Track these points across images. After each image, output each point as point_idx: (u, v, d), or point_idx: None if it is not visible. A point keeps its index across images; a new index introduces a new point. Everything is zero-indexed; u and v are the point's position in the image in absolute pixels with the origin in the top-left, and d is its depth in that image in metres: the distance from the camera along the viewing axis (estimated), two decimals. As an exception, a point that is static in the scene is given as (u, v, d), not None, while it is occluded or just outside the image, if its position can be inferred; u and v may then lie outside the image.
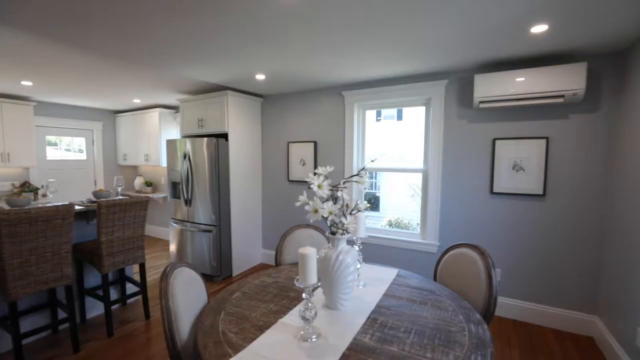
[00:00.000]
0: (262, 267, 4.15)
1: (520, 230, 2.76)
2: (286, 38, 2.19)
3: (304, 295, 1.26)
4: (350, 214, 1.49)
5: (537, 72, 2.42)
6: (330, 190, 1.37)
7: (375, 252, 3.41)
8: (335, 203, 1.43)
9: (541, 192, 2.64)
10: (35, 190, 4.45)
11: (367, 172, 1.49)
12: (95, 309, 2.93)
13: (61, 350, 2.41)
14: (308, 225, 2.29)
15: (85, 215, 2.84)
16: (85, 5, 1.75)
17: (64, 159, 5.12)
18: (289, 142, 3.91)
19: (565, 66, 2.32)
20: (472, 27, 1.99)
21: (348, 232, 1.42)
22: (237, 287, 1.74)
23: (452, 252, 1.93)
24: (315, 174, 1.44)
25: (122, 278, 3.07)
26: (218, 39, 2.22)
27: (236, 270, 3.88)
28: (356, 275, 1.61)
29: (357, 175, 1.48)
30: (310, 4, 1.71)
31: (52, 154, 5.00)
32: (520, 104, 2.54)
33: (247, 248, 4.06)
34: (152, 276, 3.81)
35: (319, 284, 1.25)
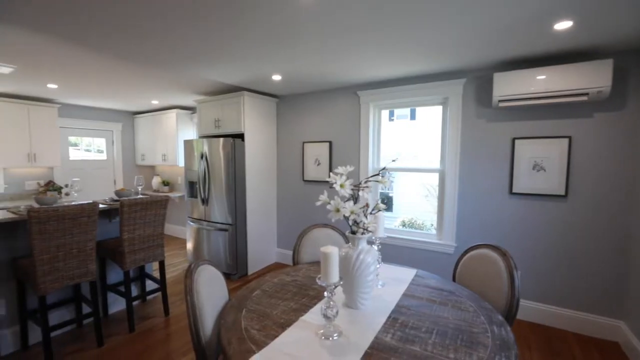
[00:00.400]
0: (276, 266, 4.19)
1: (540, 231, 2.70)
2: (304, 38, 2.21)
3: (325, 293, 1.27)
4: (371, 213, 1.49)
5: (560, 69, 2.36)
6: (353, 189, 1.38)
7: (391, 252, 3.39)
8: (355, 203, 1.44)
9: (563, 193, 2.58)
10: (59, 189, 4.60)
11: (389, 172, 1.49)
12: (116, 304, 3.02)
13: (85, 343, 2.49)
14: (325, 225, 2.30)
15: (107, 213, 2.93)
16: (109, 10, 1.81)
17: (86, 159, 5.29)
18: (304, 142, 3.93)
19: (590, 63, 2.26)
20: (494, 25, 1.97)
21: (369, 232, 1.43)
22: (256, 285, 1.76)
23: (472, 252, 1.91)
24: (336, 173, 1.45)
25: (142, 275, 3.15)
26: (236, 40, 2.25)
27: (252, 269, 3.93)
28: (375, 275, 1.61)
29: (377, 175, 1.48)
30: (330, 4, 1.72)
31: (73, 154, 5.17)
32: (541, 103, 2.49)
33: (263, 247, 4.10)
34: (170, 274, 3.89)
35: (341, 282, 1.25)
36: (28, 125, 4.23)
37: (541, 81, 2.43)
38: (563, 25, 1.94)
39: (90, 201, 2.47)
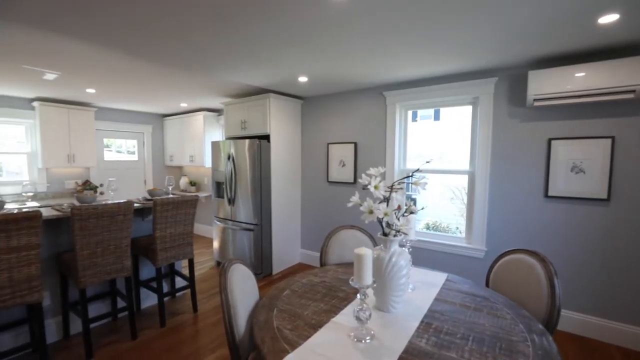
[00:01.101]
0: (300, 267, 4.21)
1: (579, 237, 2.56)
2: (332, 39, 2.21)
3: (358, 295, 1.26)
4: (403, 215, 1.47)
5: (602, 65, 2.23)
6: (387, 191, 1.36)
7: (417, 255, 3.32)
8: (387, 204, 1.42)
9: (605, 196, 2.44)
10: (94, 188, 4.84)
11: (421, 174, 1.46)
12: (148, 300, 3.13)
13: (120, 336, 2.60)
14: (353, 226, 2.29)
15: (140, 212, 3.05)
16: (144, 17, 1.88)
17: (119, 159, 5.54)
18: (328, 143, 3.93)
19: (638, 58, 2.12)
20: (532, 20, 1.89)
21: (405, 234, 1.40)
22: (286, 285, 1.78)
23: (507, 257, 1.84)
24: (368, 174, 1.44)
25: (172, 272, 3.26)
26: (265, 43, 2.29)
27: (276, 269, 3.97)
28: (407, 278, 1.58)
29: (410, 176, 1.45)
30: (361, 4, 1.71)
31: (107, 155, 5.43)
32: (580, 101, 2.36)
33: (287, 247, 4.14)
34: (197, 272, 3.99)
35: (374, 284, 1.24)
36: (68, 128, 4.48)
37: (581, 78, 2.31)
38: (608, 18, 1.84)
39: (125, 200, 2.58)
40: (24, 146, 4.49)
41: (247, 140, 3.69)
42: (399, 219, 1.44)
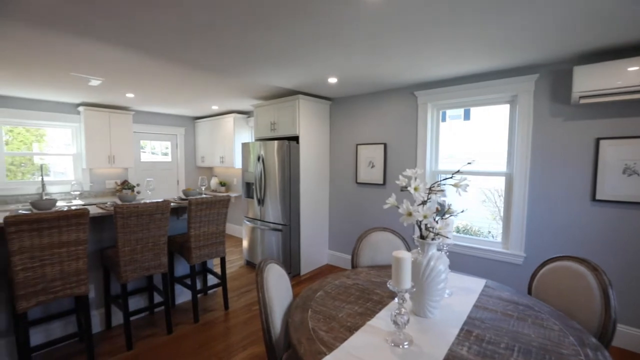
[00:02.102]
0: (328, 268, 4.20)
1: (633, 244, 2.37)
2: (364, 40, 2.19)
3: (396, 299, 1.24)
4: (442, 218, 1.43)
5: (660, 59, 2.06)
6: (427, 193, 1.32)
7: (450, 259, 3.21)
8: (425, 206, 1.38)
9: (662, 201, 2.24)
10: (132, 188, 5.10)
11: (464, 176, 1.41)
12: (182, 296, 3.25)
13: (157, 329, 2.71)
14: (385, 229, 2.25)
15: (175, 211, 3.17)
16: (187, 26, 1.95)
17: (153, 160, 5.80)
18: (357, 144, 3.90)
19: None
20: (579, 11, 1.77)
21: (447, 237, 1.36)
22: (319, 286, 1.78)
23: (552, 265, 1.73)
24: (405, 176, 1.41)
25: (204, 270, 3.36)
26: (297, 45, 2.30)
27: (304, 270, 3.99)
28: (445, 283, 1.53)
29: (450, 178, 1.40)
30: (395, 3, 1.68)
31: (143, 156, 5.69)
32: (633, 98, 2.19)
33: (315, 248, 4.15)
34: (227, 270, 4.09)
35: (414, 289, 1.21)
36: (109, 130, 4.75)
37: (634, 73, 2.14)
38: (669, 8, 1.69)
39: (162, 199, 2.69)
40: (70, 148, 4.81)
41: (276, 142, 3.74)
42: (437, 222, 1.40)
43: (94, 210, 2.55)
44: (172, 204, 2.94)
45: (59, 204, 3.80)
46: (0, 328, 2.23)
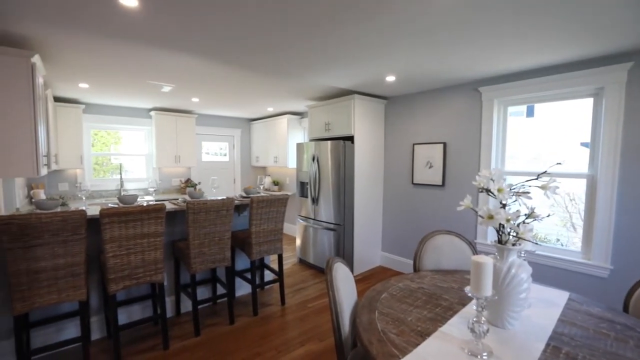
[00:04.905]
0: (381, 270, 4.13)
1: None
2: (431, 34, 2.10)
3: (467, 306, 1.17)
4: (524, 222, 1.32)
5: None
6: (515, 195, 1.23)
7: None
8: (506, 209, 1.28)
9: None
10: (194, 186, 5.50)
11: (553, 177, 1.28)
12: (240, 289, 3.41)
13: (220, 319, 2.88)
14: (449, 232, 2.15)
15: (237, 208, 3.34)
16: (254, 33, 2.05)
17: (213, 160, 6.18)
18: (414, 144, 3.78)
19: None
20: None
21: (535, 243, 1.26)
22: (382, 287, 1.75)
23: (655, 280, 1.51)
24: (482, 176, 1.33)
25: (262, 265, 3.49)
26: (357, 45, 2.29)
27: (357, 270, 3.96)
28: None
29: (535, 178, 1.29)
30: (471, -6, 1.59)
31: (204, 156, 6.10)
32: None
33: (368, 249, 4.10)
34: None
35: (495, 297, 1.13)
36: (176, 133, 5.17)
37: None
38: None
39: (225, 197, 2.85)
40: (142, 149, 5.32)
41: (329, 142, 3.76)
42: (518, 226, 1.30)
43: (168, 206, 2.78)
44: (235, 201, 3.10)
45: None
46: (93, 306, 2.54)
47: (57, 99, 4.19)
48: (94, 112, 4.71)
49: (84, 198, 2.92)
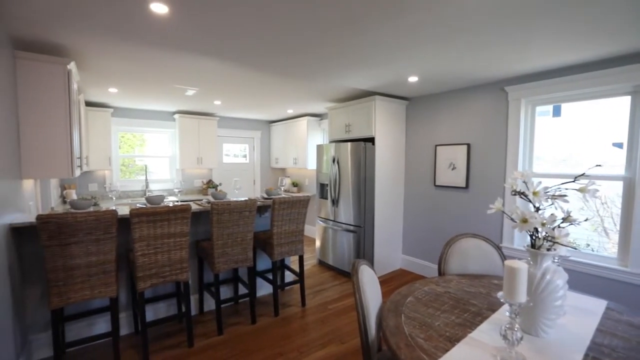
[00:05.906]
0: (402, 272, 4.07)
1: None
2: (457, 33, 2.06)
3: (506, 313, 1.13)
4: (559, 227, 1.27)
5: None
6: (551, 198, 1.19)
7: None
8: (541, 213, 1.24)
9: None
10: (215, 187, 5.61)
11: (592, 180, 1.23)
12: (262, 289, 3.45)
13: (242, 319, 2.92)
14: (475, 235, 2.09)
15: (258, 209, 3.38)
16: (277, 37, 2.07)
17: (233, 162, 6.29)
18: (436, 145, 3.71)
19: None
20: None
21: (573, 247, 1.21)
22: (407, 291, 1.72)
23: None
24: (514, 178, 1.28)
25: (282, 266, 3.51)
26: (382, 45, 2.27)
27: (377, 272, 3.82)
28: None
29: (571, 182, 1.24)
30: (501, -9, 1.55)
31: (225, 158, 6.21)
32: None
33: (388, 252, 4.06)
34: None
35: (530, 304, 1.09)
36: (198, 135, 5.29)
37: None
38: None
39: (247, 198, 2.89)
40: (166, 151, 5.48)
41: (349, 143, 3.75)
42: (554, 230, 1.25)
43: (192, 207, 2.85)
44: (258, 202, 3.14)
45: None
46: (122, 302, 2.63)
47: (87, 103, 4.39)
48: (121, 116, 4.89)
49: (114, 198, 3.04)
